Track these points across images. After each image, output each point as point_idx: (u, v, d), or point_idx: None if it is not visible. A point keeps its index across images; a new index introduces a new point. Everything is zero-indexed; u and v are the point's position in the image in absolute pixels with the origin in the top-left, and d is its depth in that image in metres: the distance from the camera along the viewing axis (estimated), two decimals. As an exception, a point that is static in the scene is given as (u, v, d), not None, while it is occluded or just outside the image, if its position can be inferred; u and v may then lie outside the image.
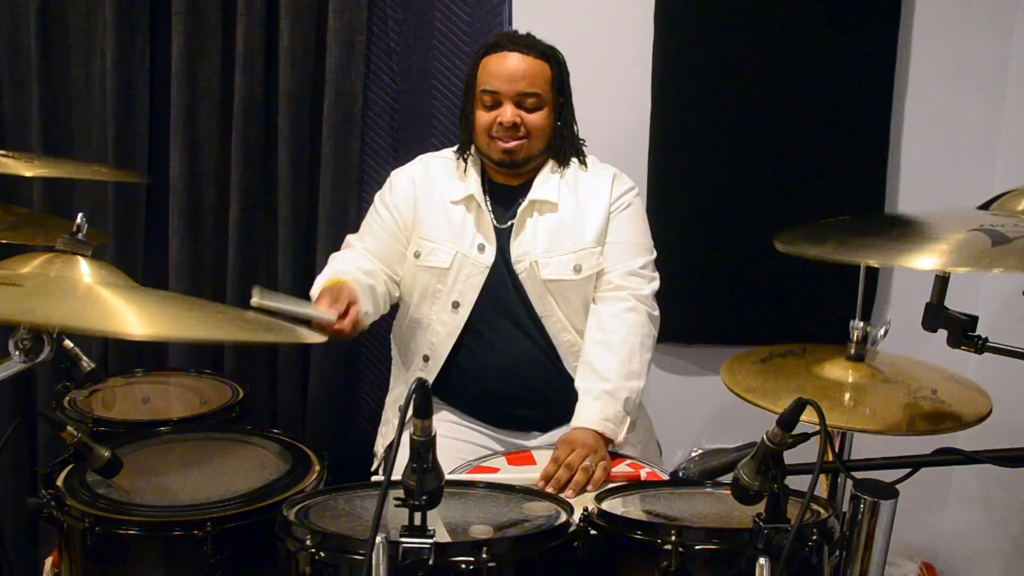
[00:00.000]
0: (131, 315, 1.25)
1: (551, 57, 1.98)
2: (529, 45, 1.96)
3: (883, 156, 2.45)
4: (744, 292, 2.53)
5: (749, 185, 2.48)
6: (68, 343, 1.70)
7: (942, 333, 1.62)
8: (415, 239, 2.03)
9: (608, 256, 2.00)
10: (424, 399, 1.14)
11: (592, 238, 1.99)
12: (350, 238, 2.13)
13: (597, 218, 2.00)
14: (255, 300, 1.62)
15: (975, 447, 1.44)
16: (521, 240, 1.98)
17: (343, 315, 1.78)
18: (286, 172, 2.48)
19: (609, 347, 1.92)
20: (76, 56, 2.55)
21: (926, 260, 1.27)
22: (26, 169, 1.57)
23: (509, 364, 2.00)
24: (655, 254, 2.06)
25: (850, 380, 1.69)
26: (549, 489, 1.65)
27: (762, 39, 2.42)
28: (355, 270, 1.98)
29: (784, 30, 2.41)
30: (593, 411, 1.83)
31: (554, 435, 2.03)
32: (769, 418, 1.29)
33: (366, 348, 2.61)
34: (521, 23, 2.44)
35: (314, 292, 1.94)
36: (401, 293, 2.10)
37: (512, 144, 1.94)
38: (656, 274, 2.05)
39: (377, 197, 2.11)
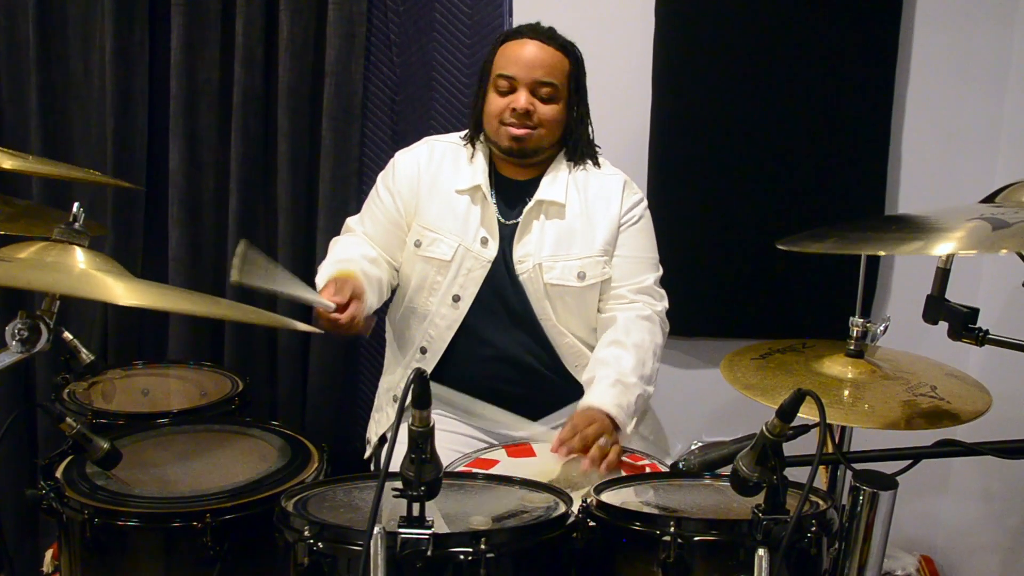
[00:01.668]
0: (121, 288, 1.26)
1: (570, 52, 1.97)
2: (550, 37, 1.95)
3: (884, 151, 2.45)
4: (744, 286, 2.53)
5: (749, 179, 2.47)
6: (67, 335, 1.69)
7: (942, 327, 1.63)
8: (416, 227, 2.00)
9: (617, 270, 1.99)
10: (423, 389, 1.14)
11: (600, 247, 1.97)
12: (350, 221, 2.11)
13: (606, 228, 1.98)
14: (234, 278, 1.59)
15: (975, 439, 1.44)
16: (525, 241, 1.96)
17: (344, 307, 1.76)
18: (286, 164, 2.48)
19: (624, 347, 1.91)
20: (75, 47, 2.54)
21: (929, 247, 1.27)
22: (17, 166, 1.56)
23: (506, 361, 1.99)
24: (662, 271, 2.05)
25: (849, 376, 1.69)
26: (561, 453, 1.66)
27: (763, 35, 2.41)
28: (360, 259, 1.96)
29: (785, 24, 2.40)
30: (608, 395, 1.81)
31: (543, 423, 2.02)
32: (769, 411, 1.29)
33: (366, 339, 2.61)
34: (521, 15, 2.43)
35: (319, 281, 1.92)
36: (399, 280, 2.08)
37: (522, 132, 1.92)
38: (664, 292, 2.04)
39: (380, 179, 2.08)
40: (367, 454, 2.11)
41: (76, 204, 1.38)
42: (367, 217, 2.07)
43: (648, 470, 1.76)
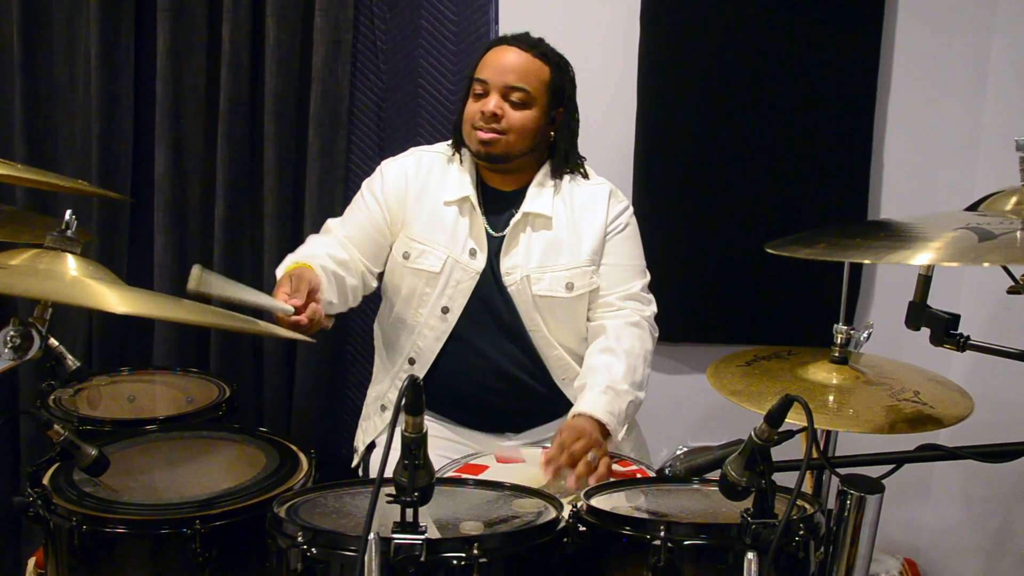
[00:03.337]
0: (114, 296, 1.26)
1: (553, 61, 1.95)
2: (531, 44, 1.94)
3: (866, 157, 2.48)
4: (729, 292, 2.55)
5: (733, 186, 2.50)
6: (53, 341, 1.68)
7: (924, 333, 1.65)
8: (403, 238, 1.99)
9: (605, 279, 2.00)
10: (415, 396, 1.14)
11: (586, 257, 1.97)
12: (331, 223, 2.07)
13: (593, 237, 1.98)
14: (191, 286, 1.52)
15: (957, 444, 1.47)
16: (513, 253, 1.96)
17: (303, 307, 1.71)
18: (272, 170, 2.47)
19: (615, 354, 1.91)
20: (59, 52, 2.53)
21: (917, 256, 1.29)
22: (5, 172, 1.54)
23: (495, 372, 1.99)
24: (649, 276, 2.06)
25: (834, 382, 1.72)
26: (549, 471, 1.65)
27: (747, 43, 2.44)
28: (326, 257, 1.92)
29: (769, 32, 2.43)
30: (599, 402, 1.80)
31: (528, 436, 2.04)
32: (753, 417, 1.31)
33: (352, 346, 2.61)
34: (507, 22, 2.45)
35: (279, 271, 1.88)
36: (386, 290, 2.07)
37: (489, 136, 1.91)
38: (652, 297, 2.05)
39: (365, 186, 2.06)
40: (355, 462, 2.10)
41: (68, 212, 1.37)
42: (349, 221, 2.05)
43: (638, 476, 1.77)
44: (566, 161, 2.02)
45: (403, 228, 2.00)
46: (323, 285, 1.82)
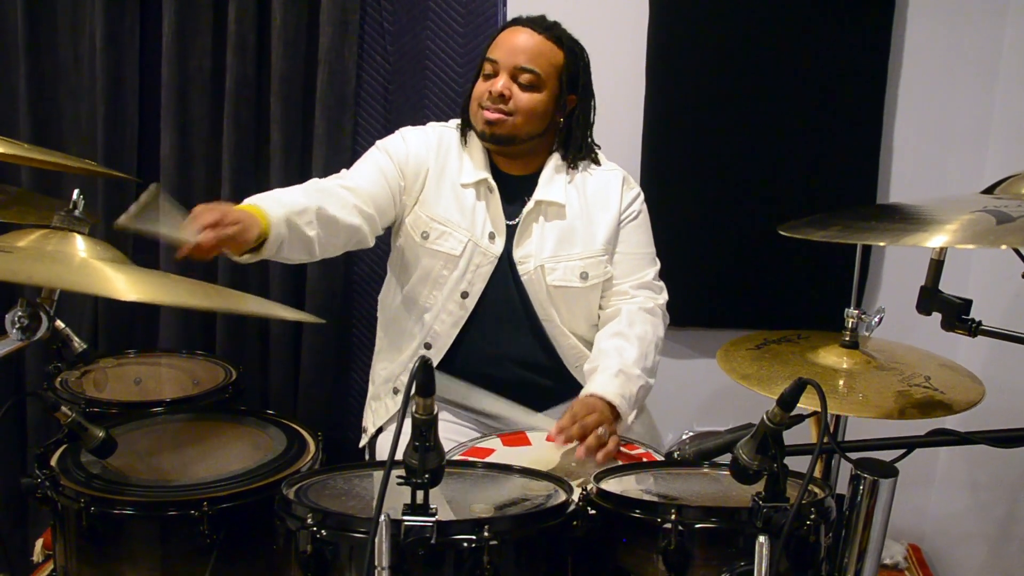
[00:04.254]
0: (123, 282, 1.25)
1: (567, 46, 1.92)
2: (546, 27, 1.91)
3: (876, 142, 2.46)
4: (736, 276, 2.55)
5: (743, 171, 2.49)
6: (60, 323, 1.68)
7: (935, 318, 1.64)
8: (422, 216, 1.95)
9: (618, 267, 1.99)
10: (427, 377, 1.14)
11: (601, 246, 1.96)
12: (344, 172, 1.96)
13: (607, 225, 1.97)
14: (122, 220, 1.36)
15: (965, 429, 1.46)
16: (526, 243, 1.94)
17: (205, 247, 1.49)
18: (278, 153, 2.46)
19: (627, 339, 1.90)
20: (64, 34, 2.52)
21: (933, 238, 1.29)
22: (12, 151, 1.53)
23: (507, 360, 1.98)
24: (659, 264, 2.06)
25: (844, 366, 1.71)
26: (559, 441, 1.67)
27: (756, 26, 2.42)
28: (312, 211, 1.73)
29: (779, 15, 2.41)
30: (611, 385, 1.80)
31: (542, 416, 2.03)
32: (759, 401, 1.30)
33: (358, 329, 2.61)
34: (515, 5, 2.43)
35: (249, 201, 1.72)
36: (394, 266, 2.05)
37: (495, 116, 1.88)
38: (664, 285, 2.05)
39: (381, 145, 1.99)
40: (363, 443, 2.10)
41: (76, 191, 1.37)
42: (359, 173, 1.94)
43: (644, 459, 1.77)
44: (579, 149, 1.99)
45: (419, 204, 1.96)
46: (270, 238, 1.64)
